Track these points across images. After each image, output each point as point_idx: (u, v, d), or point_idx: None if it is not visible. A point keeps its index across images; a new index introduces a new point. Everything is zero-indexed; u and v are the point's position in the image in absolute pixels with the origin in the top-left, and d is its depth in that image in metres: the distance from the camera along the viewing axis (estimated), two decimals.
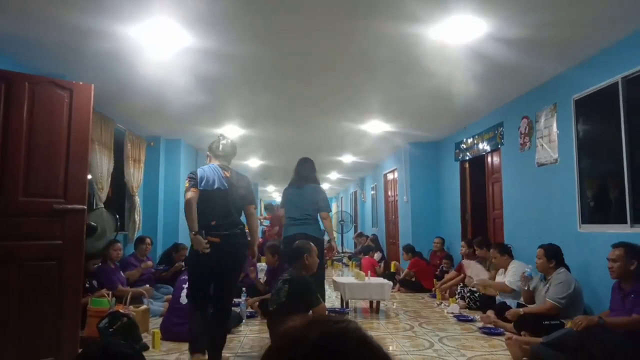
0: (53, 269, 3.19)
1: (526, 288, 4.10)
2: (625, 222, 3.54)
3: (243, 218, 3.47)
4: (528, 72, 4.33)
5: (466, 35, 3.49)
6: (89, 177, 4.26)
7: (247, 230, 3.49)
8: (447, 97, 5.19)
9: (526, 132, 4.93)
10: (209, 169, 3.45)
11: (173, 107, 5.48)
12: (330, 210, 4.98)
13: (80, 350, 2.04)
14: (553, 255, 3.83)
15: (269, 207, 10.29)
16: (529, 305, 4.08)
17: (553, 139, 4.42)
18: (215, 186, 3.30)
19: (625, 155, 3.53)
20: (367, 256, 8.36)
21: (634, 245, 3.17)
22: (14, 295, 3.04)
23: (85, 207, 3.41)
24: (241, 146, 8.08)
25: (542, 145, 4.63)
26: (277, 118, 6.29)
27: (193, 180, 3.27)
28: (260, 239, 8.83)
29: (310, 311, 3.38)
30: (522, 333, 3.62)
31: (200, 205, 3.19)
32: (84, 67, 4.09)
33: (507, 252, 4.72)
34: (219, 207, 3.26)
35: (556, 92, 4.40)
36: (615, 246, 3.23)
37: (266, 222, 10.23)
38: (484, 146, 6.11)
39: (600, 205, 3.86)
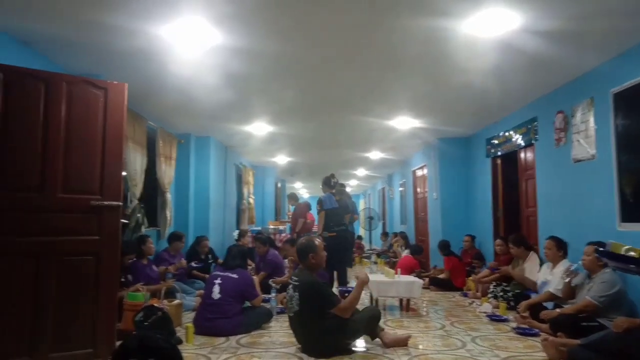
0: (91, 264, 3.29)
1: (567, 280, 3.98)
2: None
3: None
4: (563, 65, 4.20)
5: (499, 29, 3.41)
6: (124, 174, 4.36)
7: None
8: (478, 92, 5.09)
9: (562, 127, 4.78)
10: (327, 196, 6.37)
11: (203, 104, 5.56)
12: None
13: (119, 343, 2.09)
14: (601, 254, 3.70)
15: (292, 196, 9.96)
16: (565, 306, 3.97)
17: (590, 134, 4.27)
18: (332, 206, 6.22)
19: None
20: (412, 256, 7.65)
21: None
22: (54, 288, 3.15)
23: (121, 203, 3.50)
24: (269, 143, 8.18)
25: (578, 140, 4.48)
26: (304, 115, 6.30)
27: (320, 204, 6.29)
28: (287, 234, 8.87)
29: (332, 310, 3.39)
30: (559, 334, 3.52)
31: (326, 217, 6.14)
32: (117, 66, 4.19)
33: (563, 249, 4.45)
34: (335, 218, 6.20)
35: (593, 85, 4.25)
36: None
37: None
38: (517, 141, 5.97)
39: None
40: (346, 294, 3.79)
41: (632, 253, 1.75)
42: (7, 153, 3.09)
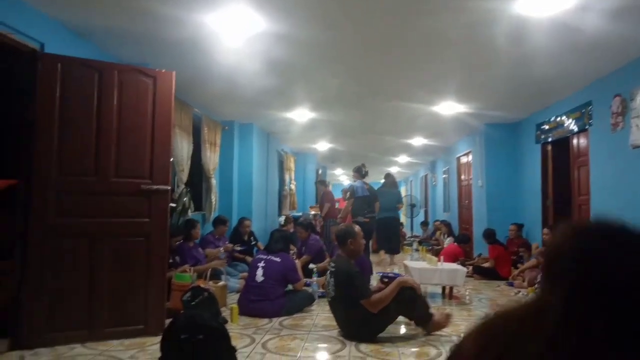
0: (142, 245, 3.45)
1: None
2: None
3: None
4: (622, 45, 3.96)
5: (552, 8, 3.25)
6: (171, 159, 4.51)
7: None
8: (529, 76, 4.89)
9: (619, 111, 4.53)
10: (360, 184, 6.77)
11: (246, 91, 5.63)
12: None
13: (169, 320, 2.19)
14: None
15: (321, 182, 9.56)
16: None
17: None
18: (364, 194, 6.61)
19: None
20: (457, 244, 7.61)
21: None
22: (108, 267, 3.32)
23: (169, 187, 3.63)
24: (310, 129, 8.19)
25: (637, 125, 4.24)
26: (346, 101, 6.26)
27: (351, 190, 6.70)
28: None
29: (361, 301, 3.37)
30: None
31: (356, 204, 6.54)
32: (164, 55, 4.30)
33: None
34: (366, 205, 6.57)
35: None
36: None
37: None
38: (570, 127, 5.71)
39: None
40: (385, 279, 3.78)
41: None
42: (65, 139, 3.26)
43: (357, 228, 3.80)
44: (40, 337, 3.08)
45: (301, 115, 6.93)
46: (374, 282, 4.86)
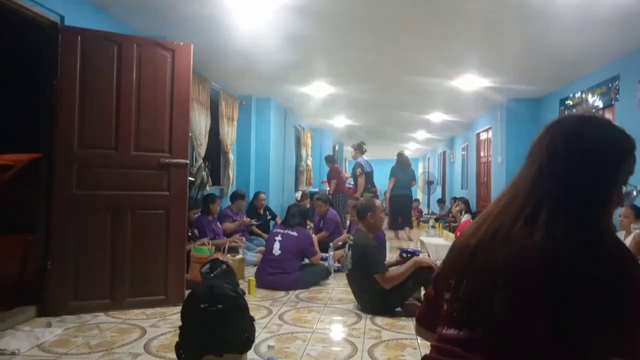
0: (162, 217, 3.50)
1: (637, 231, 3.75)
2: None
3: None
4: None
5: None
6: (189, 134, 4.54)
7: None
8: (552, 49, 4.72)
9: None
10: (365, 161, 7.53)
11: (264, 67, 5.59)
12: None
13: (189, 291, 2.23)
14: None
15: (330, 158, 9.37)
16: None
17: None
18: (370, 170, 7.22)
19: None
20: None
21: None
22: (130, 239, 3.39)
23: (188, 161, 3.66)
24: (328, 105, 8.12)
25: None
26: (364, 75, 6.17)
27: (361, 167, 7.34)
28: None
29: (375, 275, 3.38)
30: None
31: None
32: (182, 29, 4.27)
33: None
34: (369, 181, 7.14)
35: None
36: None
37: (350, 181, 10.30)
38: (595, 102, 5.55)
39: None
40: (404, 254, 3.78)
41: None
42: (86, 113, 3.30)
43: (377, 202, 3.81)
44: (65, 305, 3.19)
45: (319, 90, 6.86)
46: (389, 256, 4.88)
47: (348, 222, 6.72)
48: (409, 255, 3.77)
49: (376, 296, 3.43)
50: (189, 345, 1.98)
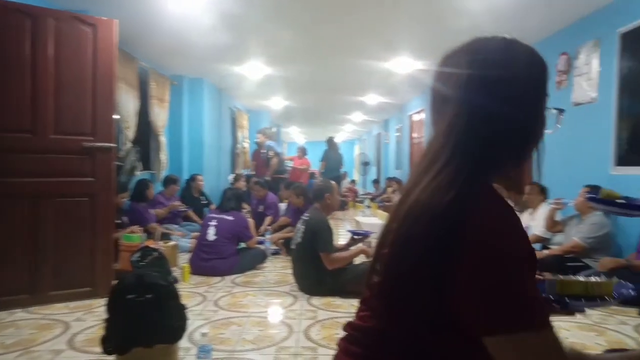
0: (86, 205, 3.31)
1: (553, 206, 4.05)
2: None
3: None
4: (569, 3, 4.04)
5: None
6: (116, 116, 4.29)
7: None
8: (478, 33, 4.90)
9: (564, 69, 4.67)
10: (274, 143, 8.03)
11: (196, 45, 5.37)
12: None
13: (116, 281, 2.13)
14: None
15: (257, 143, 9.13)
16: (553, 247, 4.07)
17: (592, 77, 4.19)
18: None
19: None
20: None
21: None
22: (51, 228, 3.18)
23: (114, 145, 3.47)
24: (264, 86, 8.00)
25: (580, 83, 4.40)
26: (300, 56, 6.12)
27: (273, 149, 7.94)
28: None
29: (321, 253, 3.43)
30: (545, 274, 3.62)
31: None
32: (106, 3, 3.99)
33: (544, 193, 4.55)
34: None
35: (600, 25, 4.11)
36: None
37: (289, 163, 10.29)
38: None
39: (635, 148, 3.71)
40: (355, 236, 3.84)
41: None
42: None
43: (334, 183, 3.87)
44: None
45: (254, 70, 6.72)
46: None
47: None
48: (360, 236, 3.82)
49: (317, 275, 3.46)
50: (115, 337, 1.90)
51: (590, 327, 2.84)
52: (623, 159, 3.81)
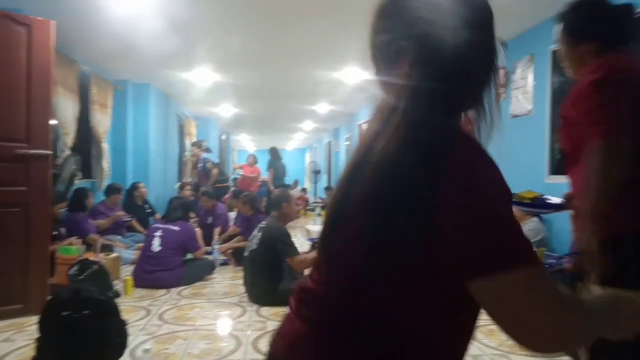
0: (19, 216, 3.10)
1: None
2: None
3: None
4: (507, 21, 4.26)
5: None
6: (53, 121, 4.07)
7: None
8: None
9: (503, 83, 4.92)
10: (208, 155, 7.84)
11: (141, 49, 5.20)
12: None
13: (50, 297, 2.00)
14: None
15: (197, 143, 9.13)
16: None
17: (528, 90, 4.43)
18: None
19: None
20: None
21: None
22: None
23: (50, 152, 3.28)
24: (213, 92, 7.87)
25: (517, 96, 4.64)
26: (250, 63, 6.07)
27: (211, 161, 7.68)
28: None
29: (287, 259, 3.43)
30: None
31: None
32: (43, 3, 3.79)
33: None
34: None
35: (534, 42, 4.37)
36: None
37: (239, 172, 10.17)
38: None
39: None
40: (315, 244, 3.84)
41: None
42: None
43: (291, 193, 3.90)
44: None
45: (203, 76, 6.60)
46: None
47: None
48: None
49: (268, 284, 3.42)
50: (48, 358, 1.78)
51: None
52: (556, 168, 4.05)
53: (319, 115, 10.91)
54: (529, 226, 3.85)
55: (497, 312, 0.64)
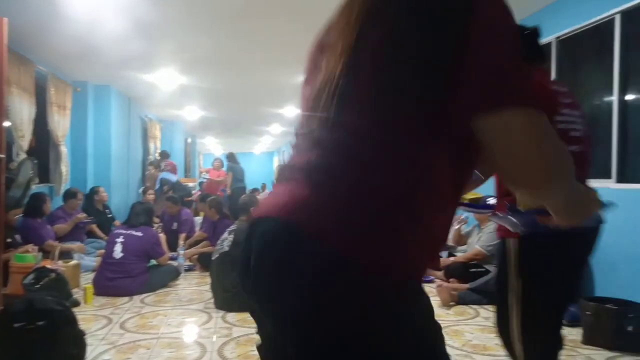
0: None
1: (457, 227, 4.36)
2: None
3: None
4: None
5: None
6: (7, 123, 3.90)
7: None
8: None
9: None
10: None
11: (103, 50, 5.06)
12: None
13: (1, 308, 1.91)
14: None
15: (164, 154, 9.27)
16: (457, 254, 4.34)
17: None
18: None
19: None
20: None
21: None
22: None
23: (3, 155, 3.13)
24: (178, 95, 7.73)
25: None
26: (216, 66, 6.00)
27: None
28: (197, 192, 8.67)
29: None
30: (451, 280, 3.85)
31: None
32: None
33: None
34: None
35: None
36: None
37: (205, 175, 10.03)
38: None
39: None
40: None
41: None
42: None
43: (259, 198, 3.88)
44: None
45: (167, 78, 6.47)
46: None
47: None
48: None
49: (236, 286, 3.38)
50: None
51: (491, 329, 3.04)
52: None
53: (287, 119, 10.89)
54: (490, 229, 3.94)
55: (500, 145, 0.67)
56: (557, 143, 0.69)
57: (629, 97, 3.21)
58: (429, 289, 4.01)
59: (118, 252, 3.87)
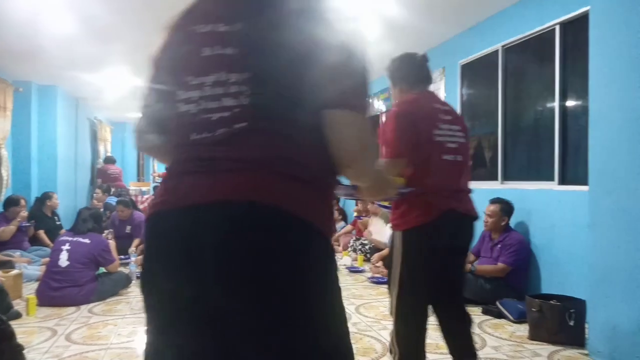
0: None
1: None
2: (497, 179, 3.93)
3: None
4: (420, 35, 4.48)
5: None
6: None
7: None
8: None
9: None
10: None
11: (47, 49, 4.83)
12: None
13: None
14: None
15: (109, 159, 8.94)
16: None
17: None
18: None
19: (501, 118, 3.87)
20: None
21: (508, 202, 3.54)
22: None
23: None
24: (131, 96, 7.48)
25: None
26: None
27: None
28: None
29: None
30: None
31: None
32: None
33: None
34: None
35: (446, 56, 4.65)
36: (492, 202, 3.58)
37: (159, 180, 9.76)
38: (379, 106, 6.34)
39: (475, 164, 4.23)
40: None
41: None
42: None
43: None
44: None
45: (119, 79, 6.26)
46: None
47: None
48: None
49: None
50: None
51: None
52: None
53: None
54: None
55: (342, 133, 0.88)
56: (374, 139, 0.97)
57: (569, 103, 3.40)
58: (384, 290, 4.07)
59: (64, 260, 3.69)
